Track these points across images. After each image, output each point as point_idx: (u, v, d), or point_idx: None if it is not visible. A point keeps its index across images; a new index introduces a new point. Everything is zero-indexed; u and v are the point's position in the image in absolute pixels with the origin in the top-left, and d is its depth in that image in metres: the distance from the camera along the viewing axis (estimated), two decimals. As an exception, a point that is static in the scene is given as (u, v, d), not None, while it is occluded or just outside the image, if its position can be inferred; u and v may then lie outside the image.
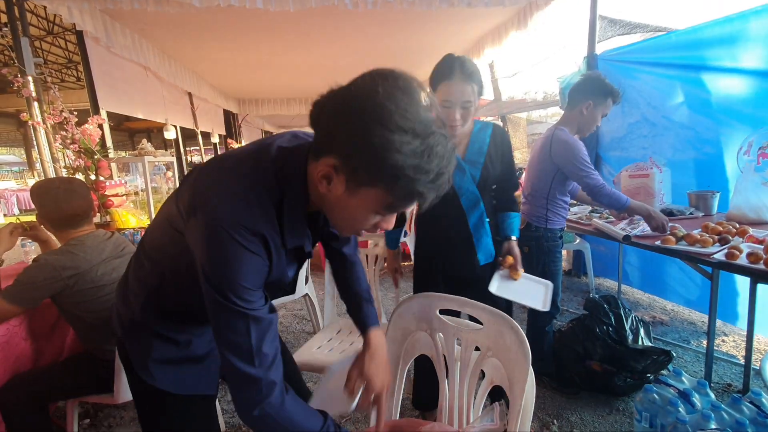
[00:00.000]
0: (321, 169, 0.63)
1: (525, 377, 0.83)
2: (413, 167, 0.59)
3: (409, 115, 0.58)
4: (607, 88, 1.85)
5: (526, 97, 10.72)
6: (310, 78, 6.67)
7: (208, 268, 0.67)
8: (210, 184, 0.70)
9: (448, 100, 1.29)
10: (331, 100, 0.62)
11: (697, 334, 2.57)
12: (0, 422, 1.40)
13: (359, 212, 0.67)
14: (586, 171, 1.81)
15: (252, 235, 0.67)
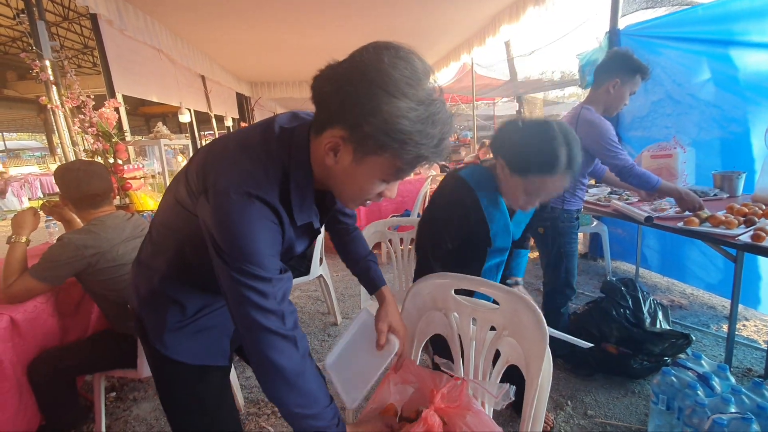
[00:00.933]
0: (328, 141, 0.66)
1: (542, 356, 0.82)
2: (419, 132, 0.62)
3: (413, 83, 0.62)
4: (635, 65, 1.76)
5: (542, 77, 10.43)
6: (322, 59, 6.54)
7: (221, 242, 0.67)
8: (218, 162, 0.71)
9: (538, 193, 1.13)
10: (334, 73, 0.64)
11: (717, 318, 2.52)
12: (31, 395, 1.47)
13: (366, 181, 0.69)
14: (614, 151, 1.75)
15: (264, 205, 0.68)
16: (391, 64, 0.61)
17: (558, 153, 1.05)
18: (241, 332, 0.71)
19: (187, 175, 0.76)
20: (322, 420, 0.74)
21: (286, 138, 0.73)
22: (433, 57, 7.02)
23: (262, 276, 0.67)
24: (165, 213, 0.85)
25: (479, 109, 11.31)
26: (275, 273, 0.69)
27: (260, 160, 0.70)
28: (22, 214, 1.58)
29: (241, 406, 1.88)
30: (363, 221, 4.11)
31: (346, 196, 0.75)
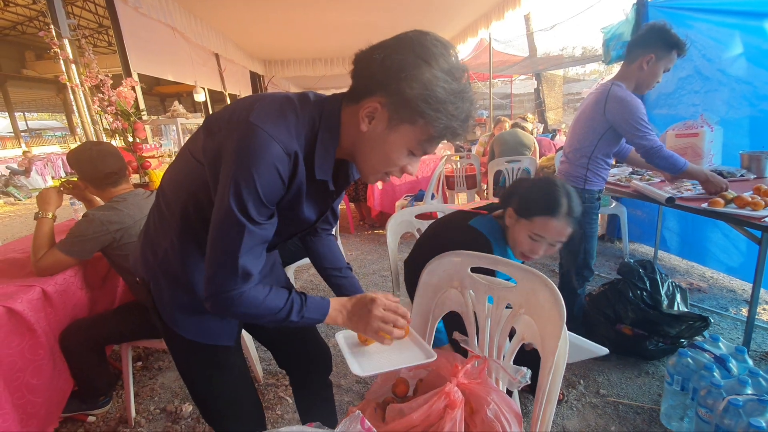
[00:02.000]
0: (368, 107, 0.72)
1: (558, 334, 0.83)
2: (452, 103, 0.70)
3: (450, 60, 0.70)
4: (672, 40, 1.67)
5: (563, 53, 10.06)
6: (335, 37, 6.47)
7: (236, 163, 0.69)
8: (254, 102, 0.74)
9: (541, 236, 1.18)
10: (380, 46, 0.71)
11: (736, 301, 2.47)
12: (64, 362, 1.55)
13: (395, 149, 0.75)
14: (643, 131, 1.69)
15: (285, 154, 0.71)
16: (432, 42, 0.69)
17: (560, 198, 1.17)
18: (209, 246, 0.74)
19: (207, 122, 0.78)
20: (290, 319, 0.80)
21: (320, 101, 0.78)
22: (450, 32, 6.83)
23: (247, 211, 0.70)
24: (173, 175, 0.86)
25: (496, 87, 11.04)
26: (257, 220, 0.72)
27: (294, 111, 0.74)
28: (47, 191, 1.63)
29: (260, 378, 1.95)
30: (377, 200, 4.12)
31: (370, 165, 0.79)
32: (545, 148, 4.59)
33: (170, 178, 0.87)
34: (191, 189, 0.80)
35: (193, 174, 0.78)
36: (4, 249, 1.94)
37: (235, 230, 0.71)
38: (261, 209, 0.72)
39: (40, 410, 1.43)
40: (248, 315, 0.78)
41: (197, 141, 0.78)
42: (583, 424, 1.59)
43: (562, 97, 10.18)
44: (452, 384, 0.81)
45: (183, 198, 0.82)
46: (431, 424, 0.79)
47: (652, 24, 1.77)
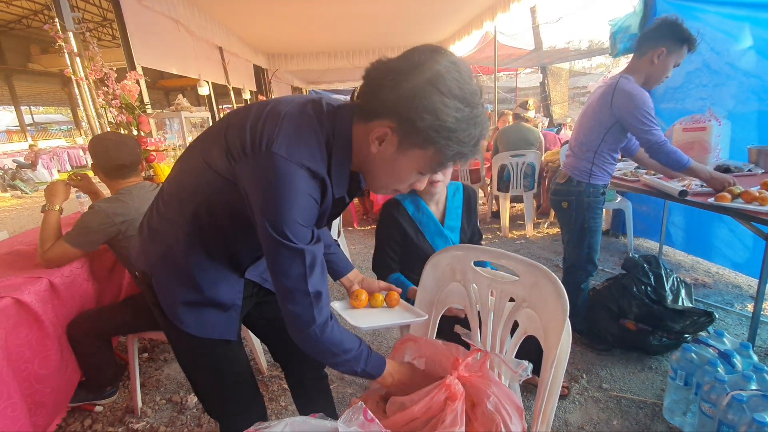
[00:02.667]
0: (378, 131, 0.71)
1: (561, 328, 0.83)
2: (463, 131, 0.69)
3: (463, 86, 0.68)
4: (684, 34, 1.65)
5: (569, 46, 9.95)
6: (339, 29, 6.44)
7: (266, 202, 0.70)
8: (273, 126, 0.72)
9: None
10: (392, 68, 0.69)
11: (742, 297, 2.46)
12: (71, 353, 1.57)
13: (404, 171, 0.76)
14: (649, 125, 1.67)
15: (313, 178, 0.73)
16: (445, 67, 0.67)
17: None
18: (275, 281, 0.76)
19: (226, 135, 0.76)
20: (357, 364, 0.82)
21: (332, 114, 0.77)
22: (455, 25, 6.76)
23: (292, 240, 0.72)
24: (184, 176, 0.85)
25: (500, 81, 10.94)
26: (305, 242, 0.74)
27: (314, 131, 0.74)
28: (54, 184, 1.65)
29: (264, 369, 1.97)
30: (380, 195, 4.11)
31: (379, 182, 0.81)
32: (550, 143, 4.54)
33: (181, 179, 0.86)
34: (206, 194, 0.80)
35: (209, 181, 0.78)
36: (12, 241, 1.97)
37: (289, 257, 0.73)
38: (304, 233, 0.73)
39: (48, 400, 1.45)
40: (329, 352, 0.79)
41: (213, 153, 0.77)
42: (586, 418, 1.60)
43: (567, 91, 10.08)
44: (453, 377, 0.81)
45: (197, 201, 0.81)
46: (432, 416, 0.79)
47: (664, 18, 1.74)
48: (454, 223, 1.51)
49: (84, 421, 1.72)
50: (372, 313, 1.07)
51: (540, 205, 4.37)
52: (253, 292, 1.07)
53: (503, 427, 0.78)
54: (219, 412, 1.05)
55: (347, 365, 0.81)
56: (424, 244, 1.46)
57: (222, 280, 0.92)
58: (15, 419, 1.28)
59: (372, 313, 1.07)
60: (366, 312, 1.07)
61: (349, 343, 0.81)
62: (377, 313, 1.07)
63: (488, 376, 0.87)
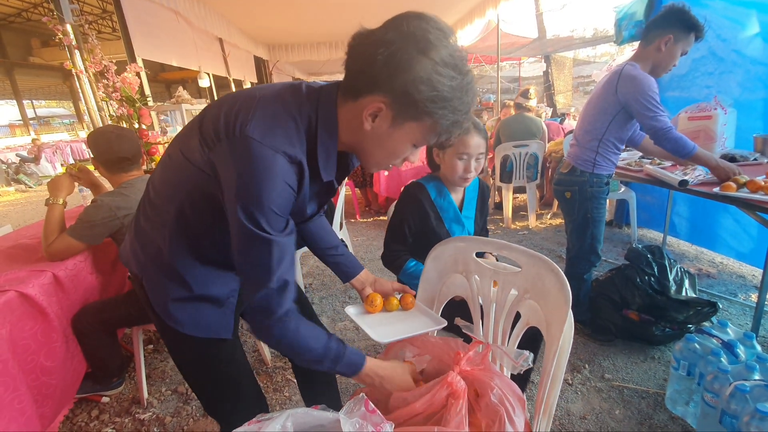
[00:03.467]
0: (371, 107, 0.69)
1: (564, 319, 0.83)
2: (458, 99, 0.68)
3: (453, 54, 0.66)
4: (691, 22, 1.63)
5: (573, 35, 9.80)
6: (340, 19, 6.36)
7: (240, 187, 0.67)
8: (247, 111, 0.70)
9: (466, 153, 1.35)
10: (379, 39, 0.66)
11: (746, 287, 2.45)
12: (77, 345, 1.59)
13: (400, 145, 0.75)
14: (654, 111, 1.65)
15: (290, 163, 0.70)
16: (435, 36, 0.65)
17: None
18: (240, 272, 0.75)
19: (201, 125, 0.74)
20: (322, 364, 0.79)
21: (314, 96, 0.74)
22: (457, 13, 6.67)
23: (264, 229, 0.69)
24: (166, 170, 0.82)
25: (504, 71, 10.84)
26: (278, 231, 0.71)
27: (291, 115, 0.71)
28: (58, 178, 1.65)
29: (269, 361, 1.99)
30: (384, 186, 4.10)
31: (373, 159, 0.79)
32: (553, 133, 4.50)
33: (163, 177, 0.83)
34: (187, 189, 0.77)
35: (189, 175, 0.75)
36: (16, 235, 1.98)
37: (259, 247, 0.70)
38: (278, 221, 0.71)
39: (54, 391, 1.47)
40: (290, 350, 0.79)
41: (191, 145, 0.74)
42: (588, 408, 1.60)
43: (571, 80, 9.94)
44: (454, 373, 0.81)
45: (179, 197, 0.78)
46: (434, 412, 0.79)
47: (671, 5, 1.71)
48: (469, 213, 1.51)
49: (91, 411, 1.75)
50: (389, 320, 1.03)
51: (543, 196, 4.35)
52: None
53: (506, 418, 0.78)
54: (218, 412, 1.03)
55: (314, 364, 0.79)
56: (442, 230, 1.45)
57: (214, 279, 0.89)
58: (22, 411, 1.30)
59: (389, 320, 1.03)
60: (382, 318, 1.04)
61: (314, 342, 0.78)
62: (395, 321, 1.03)
63: (491, 368, 0.87)
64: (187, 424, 1.65)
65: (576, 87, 11.20)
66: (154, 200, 0.84)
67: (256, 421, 0.67)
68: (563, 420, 1.56)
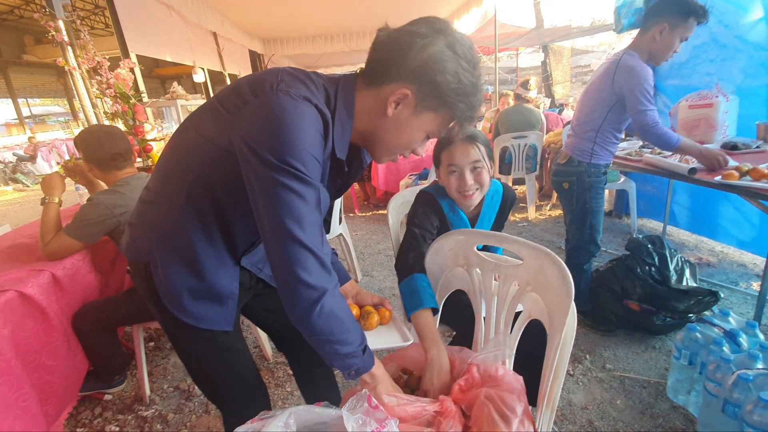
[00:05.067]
0: (397, 93, 0.73)
1: (566, 311, 0.82)
2: (474, 96, 0.75)
3: (472, 54, 0.73)
4: (687, 6, 1.60)
5: (570, 24, 9.71)
6: (335, 11, 6.29)
7: (266, 137, 0.66)
8: (275, 75, 0.73)
9: (453, 165, 1.21)
10: (406, 32, 0.71)
11: (747, 276, 2.45)
12: (78, 344, 1.59)
13: (416, 133, 0.79)
14: (645, 105, 1.64)
15: (319, 113, 0.71)
16: (458, 34, 0.72)
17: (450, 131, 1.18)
18: (269, 245, 0.70)
19: (219, 100, 0.75)
20: (349, 345, 0.75)
21: (334, 79, 0.79)
22: (454, 3, 6.60)
23: (303, 173, 0.67)
24: (176, 155, 0.82)
25: (501, 61, 10.76)
26: (315, 178, 0.69)
27: (314, 83, 0.75)
28: (51, 177, 1.63)
29: (270, 356, 1.99)
30: (382, 180, 4.09)
31: (386, 147, 0.82)
32: (552, 123, 4.47)
33: (173, 159, 0.83)
34: (200, 168, 0.76)
35: (205, 155, 0.75)
36: (14, 234, 1.96)
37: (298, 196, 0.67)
38: (314, 167, 0.69)
39: (57, 390, 1.47)
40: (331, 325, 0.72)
41: (210, 125, 0.75)
42: (589, 398, 1.61)
43: (570, 70, 9.86)
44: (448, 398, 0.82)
45: (191, 178, 0.78)
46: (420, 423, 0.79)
47: None
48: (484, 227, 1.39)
49: (94, 409, 1.75)
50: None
51: (542, 187, 4.34)
52: (251, 284, 1.04)
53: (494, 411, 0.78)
54: (221, 402, 1.04)
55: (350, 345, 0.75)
56: None
57: (221, 266, 0.88)
58: (27, 409, 1.30)
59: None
60: None
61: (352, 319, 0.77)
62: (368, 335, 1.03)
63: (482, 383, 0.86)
64: (189, 420, 1.66)
65: (574, 77, 11.12)
66: (158, 187, 0.84)
67: (258, 419, 0.67)
68: (565, 410, 1.56)
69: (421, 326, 1.01)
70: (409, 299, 1.07)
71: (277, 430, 0.63)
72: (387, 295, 2.57)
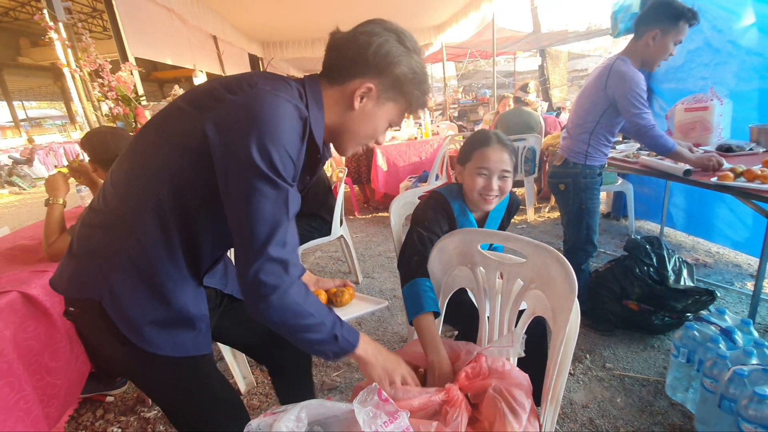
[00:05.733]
0: (362, 88, 0.79)
1: (570, 308, 0.84)
2: (424, 83, 0.84)
3: (415, 44, 0.82)
4: (676, 11, 1.63)
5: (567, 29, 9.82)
6: (335, 14, 6.32)
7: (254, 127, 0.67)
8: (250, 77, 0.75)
9: (485, 168, 1.20)
10: (361, 32, 0.79)
11: (741, 276, 2.48)
12: (80, 345, 1.59)
13: (381, 123, 0.86)
14: (639, 108, 1.67)
15: (298, 116, 0.73)
16: (404, 31, 0.81)
17: (487, 133, 1.26)
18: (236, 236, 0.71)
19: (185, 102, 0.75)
20: (318, 333, 0.76)
21: (299, 81, 0.82)
22: (452, 8, 6.66)
23: (279, 171, 0.69)
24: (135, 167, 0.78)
25: (498, 65, 10.83)
26: (287, 179, 0.71)
27: (290, 86, 0.78)
28: (54, 177, 1.63)
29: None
30: (381, 182, 4.11)
31: (354, 140, 0.87)
32: (550, 126, 4.52)
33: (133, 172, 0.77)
34: (169, 175, 0.73)
35: (172, 159, 0.73)
36: (14, 236, 1.96)
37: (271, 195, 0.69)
38: (288, 166, 0.71)
39: (59, 391, 1.46)
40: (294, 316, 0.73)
41: (177, 127, 0.73)
42: (590, 397, 1.63)
43: (567, 74, 9.97)
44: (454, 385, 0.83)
45: (158, 189, 0.73)
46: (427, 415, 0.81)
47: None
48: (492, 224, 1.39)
49: (96, 411, 1.75)
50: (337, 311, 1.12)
51: (541, 190, 4.37)
52: (216, 304, 1.02)
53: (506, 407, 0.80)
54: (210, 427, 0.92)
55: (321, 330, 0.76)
56: None
57: (187, 288, 0.83)
58: (28, 411, 1.30)
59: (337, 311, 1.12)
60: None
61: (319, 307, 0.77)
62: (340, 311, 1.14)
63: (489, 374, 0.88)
64: (192, 421, 1.65)
65: (571, 81, 11.22)
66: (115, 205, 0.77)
67: (270, 413, 0.68)
68: (566, 409, 1.58)
69: (423, 331, 1.03)
70: (411, 303, 1.07)
71: (290, 424, 0.65)
72: (388, 296, 2.58)
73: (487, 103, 8.26)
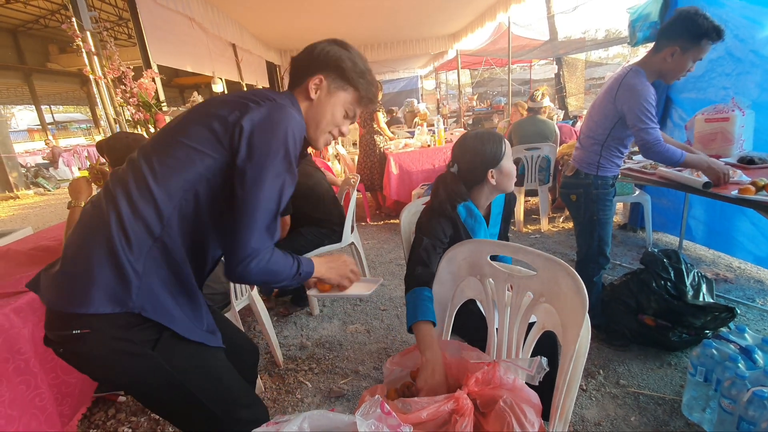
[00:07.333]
0: (314, 81, 0.97)
1: (580, 323, 0.82)
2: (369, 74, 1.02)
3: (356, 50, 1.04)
4: (699, 30, 1.55)
5: (585, 36, 9.71)
6: (351, 24, 6.41)
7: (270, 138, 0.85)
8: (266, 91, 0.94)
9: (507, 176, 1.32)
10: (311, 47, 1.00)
11: (764, 292, 2.39)
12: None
13: (335, 109, 1.00)
14: (645, 123, 1.63)
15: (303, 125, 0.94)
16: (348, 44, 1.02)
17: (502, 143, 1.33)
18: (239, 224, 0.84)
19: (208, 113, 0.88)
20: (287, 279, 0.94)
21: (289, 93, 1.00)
22: (467, 17, 6.68)
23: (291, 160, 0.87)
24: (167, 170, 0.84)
25: (514, 73, 10.77)
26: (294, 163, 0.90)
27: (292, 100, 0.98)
28: (77, 181, 1.69)
29: (281, 362, 2.00)
30: (393, 189, 4.11)
31: (317, 126, 1.00)
32: (566, 135, 4.46)
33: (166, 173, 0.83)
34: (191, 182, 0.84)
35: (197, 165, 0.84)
36: (36, 237, 2.03)
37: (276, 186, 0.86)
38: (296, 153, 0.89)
39: (74, 390, 1.50)
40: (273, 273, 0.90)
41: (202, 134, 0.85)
42: (603, 415, 1.58)
43: (584, 82, 9.83)
44: (463, 392, 0.82)
45: (179, 196, 0.83)
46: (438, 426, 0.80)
47: (679, 12, 1.65)
48: (495, 228, 1.45)
49: (108, 410, 1.78)
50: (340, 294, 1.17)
51: (555, 199, 4.31)
52: None
53: (516, 423, 0.78)
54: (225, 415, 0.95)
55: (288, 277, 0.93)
56: None
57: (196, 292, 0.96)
58: (43, 408, 1.33)
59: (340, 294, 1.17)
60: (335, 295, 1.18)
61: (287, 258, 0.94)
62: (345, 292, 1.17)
63: (500, 385, 0.86)
64: (201, 424, 1.67)
65: (588, 89, 11.08)
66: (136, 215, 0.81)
67: (273, 423, 0.68)
68: (578, 426, 1.54)
69: (420, 335, 1.04)
70: (409, 311, 1.10)
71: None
72: (398, 304, 2.57)
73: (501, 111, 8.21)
